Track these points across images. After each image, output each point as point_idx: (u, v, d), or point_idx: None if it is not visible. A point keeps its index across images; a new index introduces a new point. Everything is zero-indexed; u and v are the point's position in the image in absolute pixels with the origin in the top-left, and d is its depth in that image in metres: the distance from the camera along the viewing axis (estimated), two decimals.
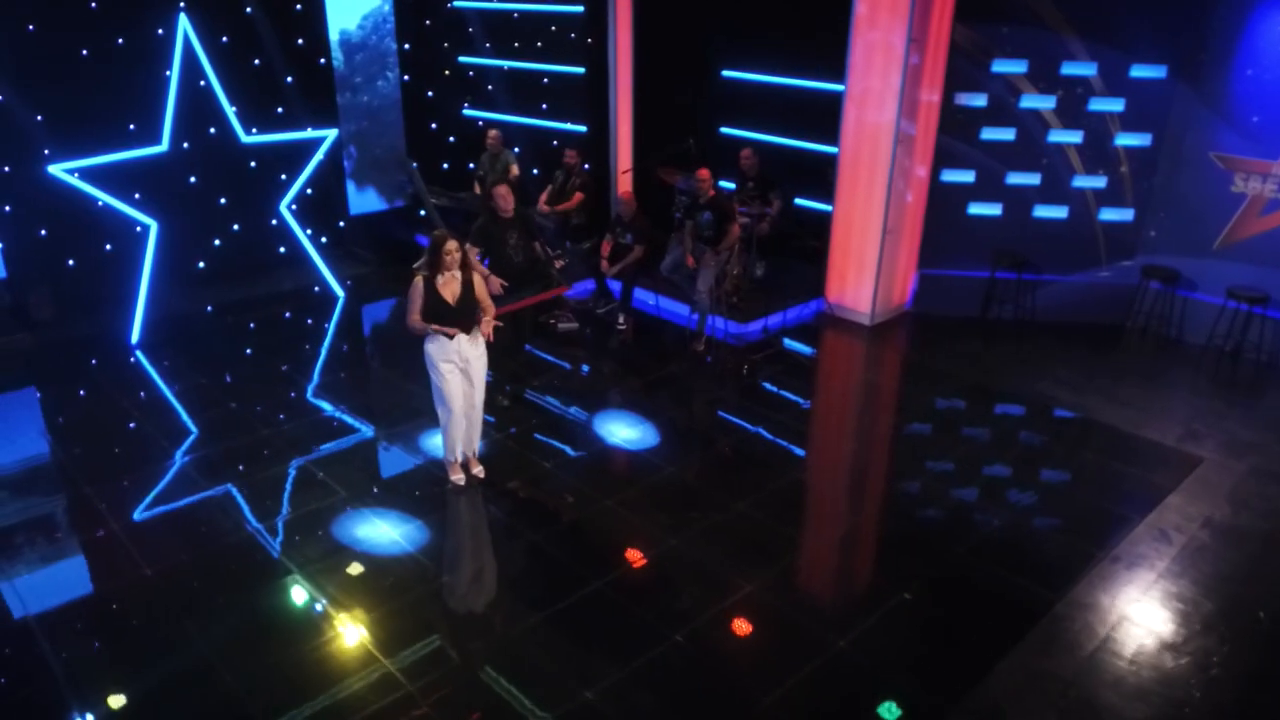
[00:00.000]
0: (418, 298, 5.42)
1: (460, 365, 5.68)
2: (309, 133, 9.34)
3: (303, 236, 9.42)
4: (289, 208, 9.30)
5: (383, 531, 5.60)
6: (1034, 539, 5.66)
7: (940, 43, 8.24)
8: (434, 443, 6.58)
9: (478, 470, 6.18)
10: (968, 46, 8.37)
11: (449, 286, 5.52)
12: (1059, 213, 8.78)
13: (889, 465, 6.62)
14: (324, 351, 8.57)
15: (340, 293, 9.61)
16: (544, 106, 10.85)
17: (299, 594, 5.07)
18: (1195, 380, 7.91)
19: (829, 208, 8.92)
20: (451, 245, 5.44)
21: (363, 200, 11.22)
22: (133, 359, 8.11)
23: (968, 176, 8.78)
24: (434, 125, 11.34)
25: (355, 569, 5.27)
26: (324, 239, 10.04)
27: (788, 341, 8.48)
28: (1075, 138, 8.53)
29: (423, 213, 11.46)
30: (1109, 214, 8.75)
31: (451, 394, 5.71)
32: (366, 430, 6.92)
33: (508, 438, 6.74)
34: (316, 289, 9.71)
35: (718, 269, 8.18)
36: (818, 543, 5.75)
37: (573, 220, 9.84)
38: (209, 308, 9.16)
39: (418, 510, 5.83)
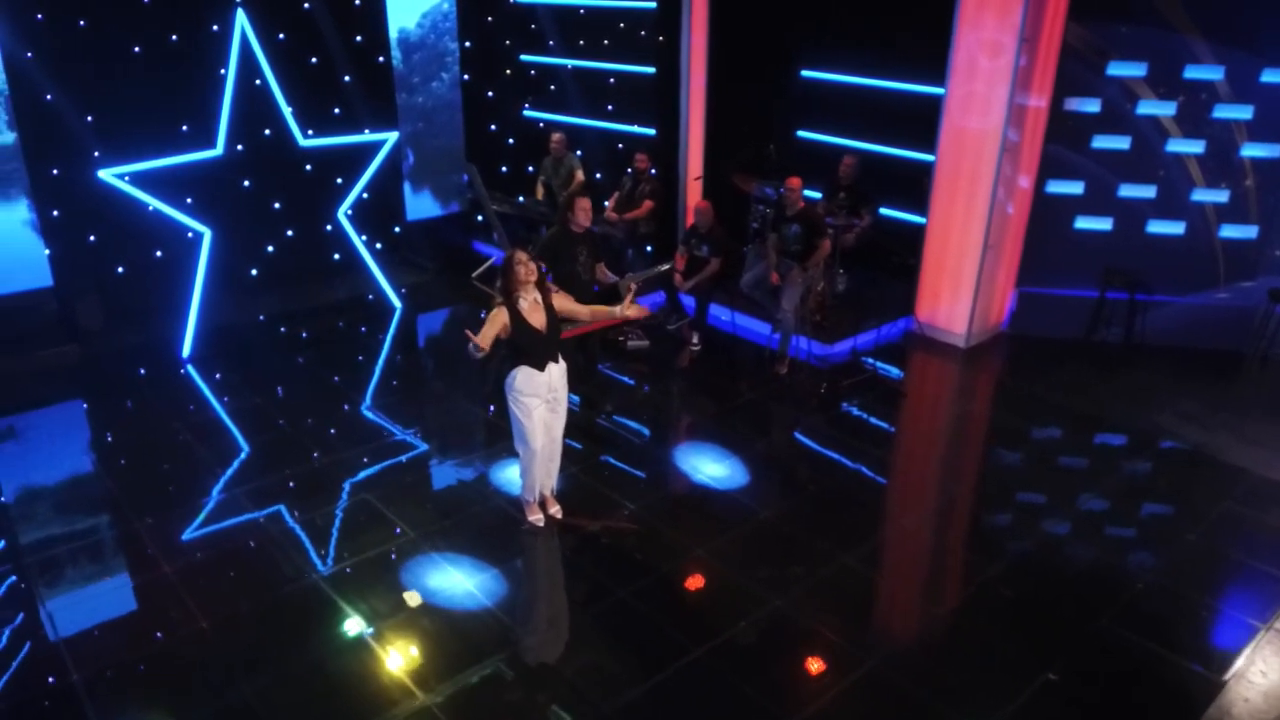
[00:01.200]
0: (497, 325, 4.90)
1: (548, 398, 5.16)
2: (368, 135, 8.87)
3: (359, 244, 8.97)
4: (345, 214, 8.84)
5: (455, 581, 5.08)
6: (1181, 605, 5.01)
7: (1052, 43, 7.57)
8: (506, 476, 6.08)
9: (555, 510, 5.66)
10: (1081, 47, 7.68)
11: (535, 313, 4.99)
12: (1175, 229, 8.06)
13: (1005, 513, 5.97)
14: (382, 368, 8.09)
15: (397, 303, 9.14)
16: (610, 108, 10.30)
17: (366, 655, 4.57)
18: None
19: (921, 219, 8.28)
20: (522, 255, 4.93)
21: (418, 205, 10.75)
22: (183, 371, 7.70)
23: (1076, 188, 8.09)
24: (493, 126, 10.83)
25: (426, 624, 4.76)
26: (379, 245, 9.58)
27: (877, 364, 7.87)
28: (1196, 148, 7.80)
29: (480, 218, 10.99)
30: (1230, 231, 8.01)
31: (534, 431, 5.19)
32: (432, 460, 6.42)
33: (583, 471, 6.20)
34: (370, 297, 9.27)
35: (804, 286, 7.58)
36: (940, 607, 5.10)
37: (641, 229, 9.28)
38: (261, 317, 8.75)
39: (492, 555, 5.31)
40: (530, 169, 10.95)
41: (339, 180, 9.15)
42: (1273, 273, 8.01)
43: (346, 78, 9.27)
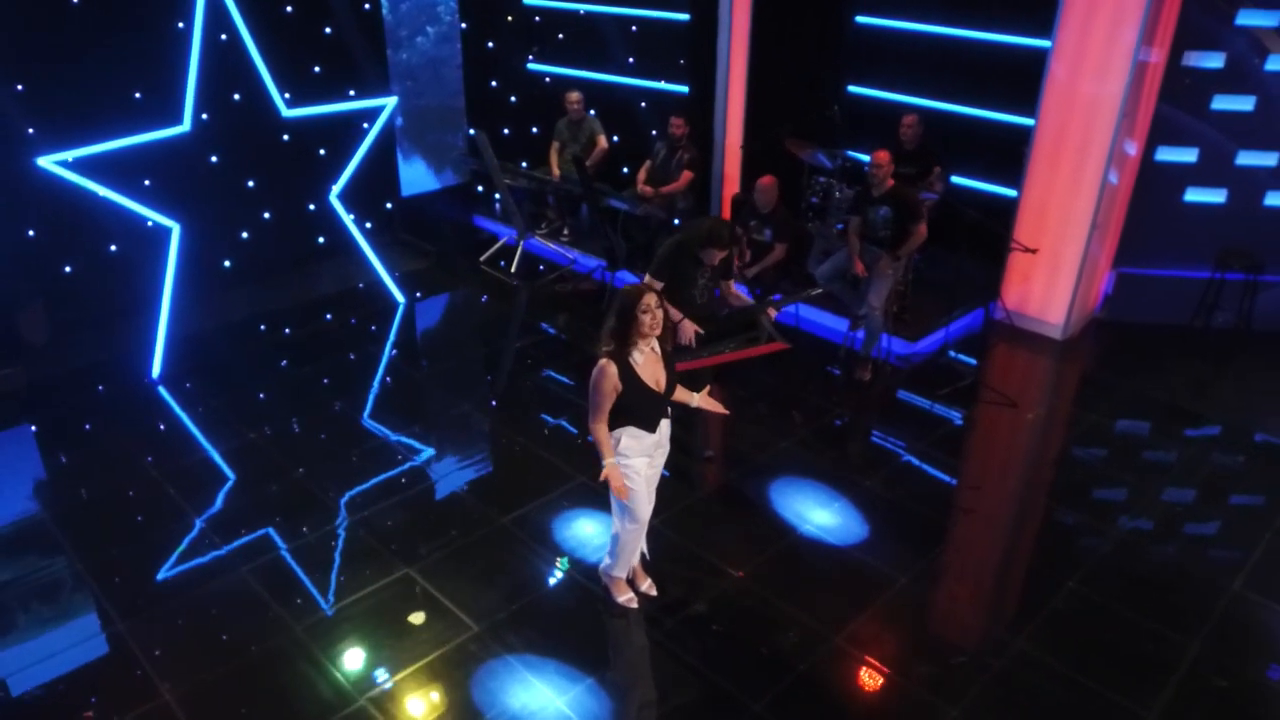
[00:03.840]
0: (610, 392, 3.72)
1: (654, 454, 4.08)
2: (361, 102, 7.46)
3: (354, 229, 7.63)
4: (337, 196, 7.48)
5: (543, 699, 3.99)
6: None
7: None
8: (573, 535, 4.99)
9: (647, 585, 4.58)
10: None
11: (650, 367, 3.84)
12: None
13: (1189, 569, 4.86)
14: (393, 381, 6.84)
15: (399, 295, 7.84)
16: (630, 61, 8.97)
17: None
18: None
19: (1009, 192, 7.22)
20: (651, 300, 3.73)
21: (409, 176, 9.32)
22: (154, 394, 6.39)
23: (1189, 156, 7.06)
24: (494, 83, 9.43)
25: None
26: (369, 225, 8.25)
27: (961, 359, 6.86)
28: None
29: (480, 189, 9.67)
30: None
31: (642, 499, 4.10)
32: (478, 514, 5.25)
33: (664, 523, 5.08)
34: (361, 285, 7.97)
35: (894, 278, 6.49)
36: (1149, 709, 4.09)
37: (679, 204, 8.08)
38: (238, 318, 7.41)
39: (581, 655, 4.22)
40: (535, 130, 9.64)
41: (322, 152, 7.80)
42: None
43: (327, 29, 7.82)
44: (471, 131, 9.25)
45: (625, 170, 9.16)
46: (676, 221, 8.36)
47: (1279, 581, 4.70)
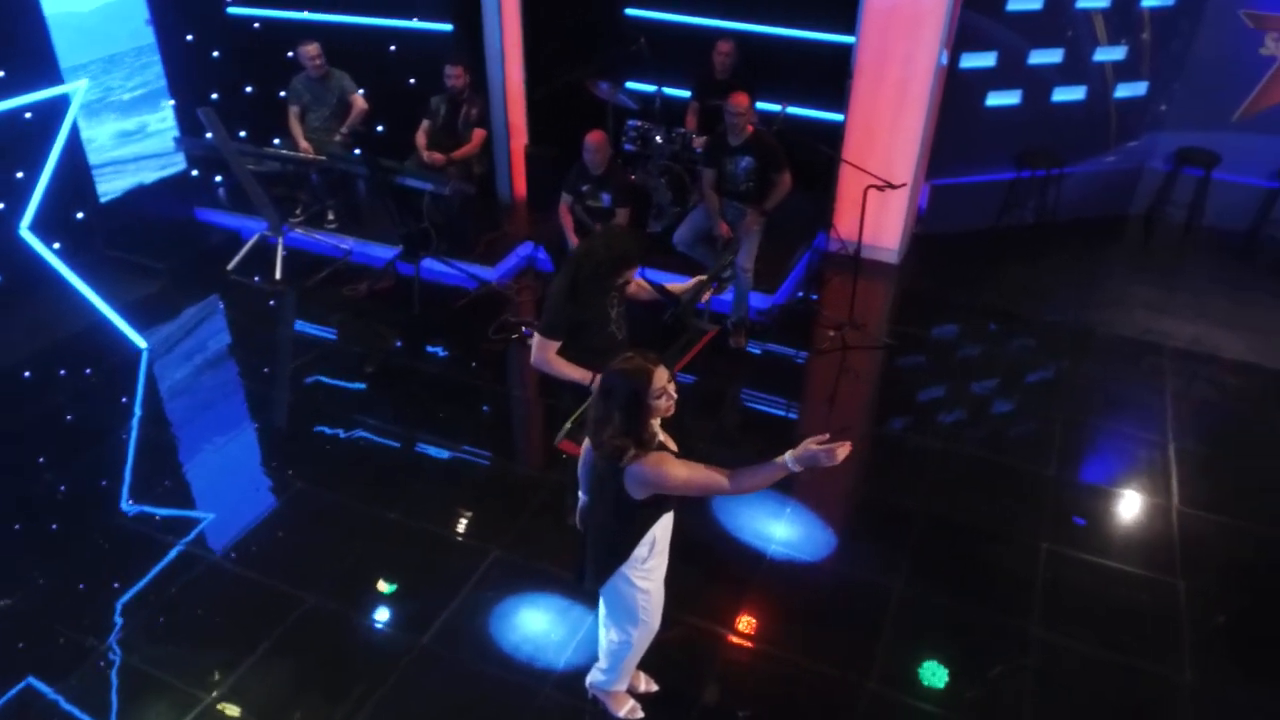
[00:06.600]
0: (687, 466, 2.85)
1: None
2: (37, 93, 5.38)
3: (52, 258, 5.64)
4: (28, 227, 5.44)
5: None
6: None
7: None
8: (529, 639, 4.00)
9: (645, 683, 3.76)
10: None
11: (664, 437, 2.99)
12: (1076, 94, 7.35)
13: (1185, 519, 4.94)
14: (179, 469, 5.15)
15: (141, 341, 6.00)
16: None
17: None
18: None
19: (834, 116, 6.83)
20: (662, 378, 2.80)
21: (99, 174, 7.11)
22: None
23: (989, 60, 7.02)
24: (190, 36, 7.37)
25: None
26: (56, 245, 6.18)
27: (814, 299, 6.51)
28: (1103, 1, 7.01)
29: (196, 173, 7.71)
30: (1124, 90, 7.46)
31: (661, 601, 3.28)
32: (396, 645, 4.05)
33: None
34: (62, 335, 6.03)
35: (760, 235, 5.87)
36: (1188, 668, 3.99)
37: (475, 169, 6.85)
38: None
39: None
40: (248, 89, 7.80)
41: None
42: (1156, 129, 7.67)
43: None
44: (172, 103, 7.27)
45: (380, 129, 7.68)
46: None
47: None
